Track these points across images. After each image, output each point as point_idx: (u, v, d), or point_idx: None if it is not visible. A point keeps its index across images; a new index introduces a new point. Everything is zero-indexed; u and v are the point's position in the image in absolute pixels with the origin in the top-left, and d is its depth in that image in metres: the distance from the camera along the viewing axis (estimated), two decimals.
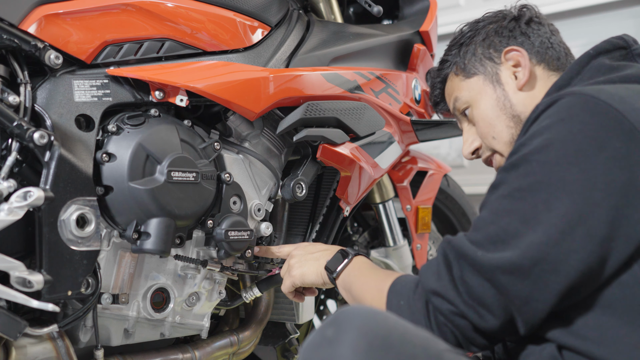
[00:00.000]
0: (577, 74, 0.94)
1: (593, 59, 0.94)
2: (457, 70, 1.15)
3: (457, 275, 0.81)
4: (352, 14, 1.79)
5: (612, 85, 0.84)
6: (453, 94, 1.16)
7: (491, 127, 1.09)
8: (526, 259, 0.75)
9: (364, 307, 0.74)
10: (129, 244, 1.07)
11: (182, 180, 1.06)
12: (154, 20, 1.10)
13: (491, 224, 0.81)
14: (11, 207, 0.88)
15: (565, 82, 0.95)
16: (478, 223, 0.83)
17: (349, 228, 1.83)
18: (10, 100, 0.95)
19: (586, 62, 0.94)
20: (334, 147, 1.28)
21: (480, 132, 1.12)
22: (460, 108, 1.15)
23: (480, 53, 1.11)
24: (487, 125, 1.10)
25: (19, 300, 0.91)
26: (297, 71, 1.25)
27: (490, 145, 1.11)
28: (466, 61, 1.13)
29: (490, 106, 1.09)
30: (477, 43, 1.13)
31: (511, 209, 0.79)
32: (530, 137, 0.82)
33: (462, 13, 1.17)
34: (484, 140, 1.12)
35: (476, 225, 0.83)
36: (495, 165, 1.14)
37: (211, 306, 1.25)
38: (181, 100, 1.11)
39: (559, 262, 0.74)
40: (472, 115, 1.12)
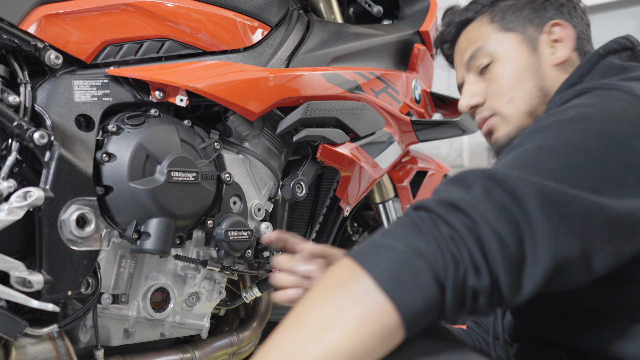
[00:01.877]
0: (588, 72, 0.92)
1: (602, 58, 0.92)
2: (494, 18, 1.06)
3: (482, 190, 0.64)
4: (352, 14, 1.79)
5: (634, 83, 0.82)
6: (478, 42, 1.07)
7: (512, 90, 1.01)
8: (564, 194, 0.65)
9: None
10: (129, 244, 1.07)
11: (182, 180, 1.06)
12: (154, 20, 1.10)
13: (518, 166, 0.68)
14: (11, 207, 0.88)
15: (576, 80, 0.92)
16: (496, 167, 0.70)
17: (349, 228, 1.83)
18: (10, 100, 0.95)
19: (596, 61, 0.92)
20: (334, 147, 1.28)
21: (495, 91, 1.04)
22: (481, 59, 1.05)
23: (527, 14, 1.04)
24: (508, 86, 1.02)
25: (19, 300, 0.91)
26: (297, 71, 1.25)
27: (500, 107, 1.03)
28: (507, 14, 1.05)
29: (519, 69, 1.02)
30: (523, 2, 1.06)
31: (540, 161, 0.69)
32: (564, 110, 0.76)
33: None
34: (494, 100, 1.04)
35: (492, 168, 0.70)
36: (487, 127, 1.06)
37: (211, 306, 1.25)
38: (181, 100, 1.11)
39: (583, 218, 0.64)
40: (492, 71, 1.04)
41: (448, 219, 0.62)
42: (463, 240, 0.61)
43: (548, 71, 1.01)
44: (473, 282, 0.60)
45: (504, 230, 0.61)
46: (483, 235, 0.61)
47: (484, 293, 0.61)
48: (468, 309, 0.63)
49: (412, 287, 0.59)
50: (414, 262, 0.59)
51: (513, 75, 1.02)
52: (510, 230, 0.61)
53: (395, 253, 0.60)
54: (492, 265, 0.60)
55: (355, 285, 0.60)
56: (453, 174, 2.00)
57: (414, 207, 0.66)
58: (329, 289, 0.61)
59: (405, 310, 0.58)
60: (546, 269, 0.61)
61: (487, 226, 0.61)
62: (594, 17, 1.12)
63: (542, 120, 0.77)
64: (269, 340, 0.62)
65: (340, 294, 0.60)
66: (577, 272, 0.65)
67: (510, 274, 0.61)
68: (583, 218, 0.64)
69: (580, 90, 0.82)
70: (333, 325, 0.58)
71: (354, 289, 0.60)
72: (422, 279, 0.59)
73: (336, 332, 0.58)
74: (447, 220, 0.62)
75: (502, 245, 0.60)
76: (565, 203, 0.64)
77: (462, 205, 0.63)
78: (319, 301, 0.61)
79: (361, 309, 0.58)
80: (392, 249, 0.61)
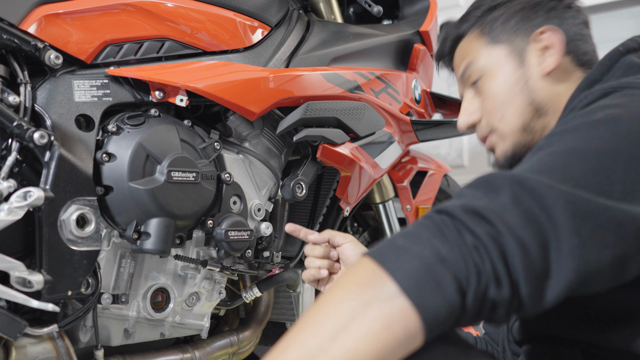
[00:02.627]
0: (609, 69, 0.88)
1: (622, 56, 0.89)
2: (483, 31, 1.03)
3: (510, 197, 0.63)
4: (352, 14, 1.79)
5: None
6: (469, 56, 1.05)
7: (502, 107, 0.99)
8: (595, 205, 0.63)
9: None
10: (129, 244, 1.07)
11: (182, 180, 1.06)
12: (154, 20, 1.10)
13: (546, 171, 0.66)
14: (11, 207, 0.88)
15: (597, 78, 0.89)
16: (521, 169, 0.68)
17: (349, 228, 1.83)
18: (10, 100, 0.95)
19: (617, 59, 0.89)
20: (334, 147, 1.28)
21: (488, 108, 1.01)
22: (472, 75, 1.04)
23: (514, 23, 1.01)
24: (498, 102, 0.99)
25: (19, 300, 0.91)
26: (297, 71, 1.25)
27: (495, 125, 1.01)
28: (495, 26, 1.02)
29: (508, 84, 0.99)
30: (511, 12, 1.02)
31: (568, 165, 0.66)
32: (593, 111, 0.74)
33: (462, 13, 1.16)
34: (489, 117, 1.02)
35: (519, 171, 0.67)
36: (488, 144, 1.04)
37: (211, 306, 1.25)
38: (181, 100, 1.11)
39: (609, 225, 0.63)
40: (484, 87, 1.01)
41: (472, 227, 0.61)
42: (487, 250, 0.60)
43: (537, 83, 0.98)
44: (493, 293, 0.60)
45: (530, 240, 0.60)
46: (506, 245, 0.59)
47: (503, 304, 0.60)
48: (485, 318, 0.62)
49: (437, 294, 0.58)
50: (439, 270, 0.59)
51: (502, 91, 0.99)
52: (536, 241, 0.60)
53: (419, 259, 0.59)
54: (514, 275, 0.60)
55: (380, 288, 0.59)
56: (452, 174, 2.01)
57: (437, 211, 0.64)
58: (351, 290, 0.60)
59: (429, 317, 0.58)
60: (570, 282, 0.61)
61: (511, 235, 0.60)
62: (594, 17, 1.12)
63: (571, 121, 0.74)
64: (287, 337, 0.61)
65: (364, 296, 0.59)
66: (604, 281, 0.64)
67: (532, 285, 0.60)
68: (615, 229, 0.62)
69: (607, 90, 0.79)
70: (356, 326, 0.57)
71: (378, 292, 0.59)
72: (446, 288, 0.58)
73: (359, 333, 0.57)
74: (471, 229, 0.61)
75: (525, 256, 0.59)
76: (597, 214, 0.62)
77: (487, 214, 0.61)
78: (340, 301, 0.60)
79: (386, 313, 0.58)
80: (416, 254, 0.60)
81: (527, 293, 0.60)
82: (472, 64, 1.03)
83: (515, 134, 0.99)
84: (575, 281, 0.61)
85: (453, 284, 0.58)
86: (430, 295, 0.58)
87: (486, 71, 1.01)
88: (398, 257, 0.60)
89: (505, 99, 0.99)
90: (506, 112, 0.99)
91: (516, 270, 0.59)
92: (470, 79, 1.04)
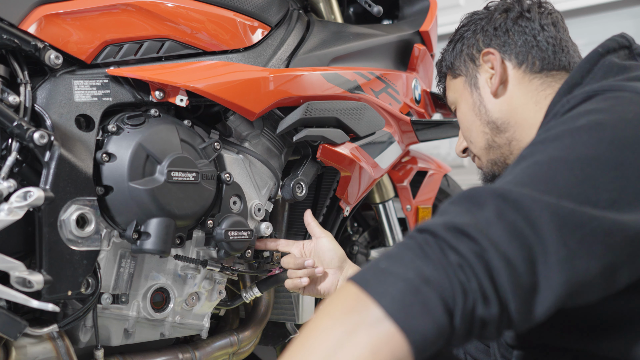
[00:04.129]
0: (588, 72, 0.90)
1: (602, 57, 0.90)
2: (446, 69, 1.14)
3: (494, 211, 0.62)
4: (352, 14, 1.79)
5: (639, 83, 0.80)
6: (447, 93, 1.17)
7: (468, 131, 1.09)
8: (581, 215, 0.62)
9: None
10: (129, 244, 1.07)
11: (182, 180, 1.06)
12: (154, 20, 1.10)
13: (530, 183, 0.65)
14: (11, 207, 0.88)
15: (578, 81, 0.90)
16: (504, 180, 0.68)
17: (349, 228, 1.83)
18: (10, 100, 0.95)
19: (596, 61, 0.90)
20: (334, 147, 1.28)
21: (463, 134, 1.13)
22: (451, 107, 1.15)
23: (465, 53, 1.08)
24: (465, 128, 1.10)
25: (19, 300, 0.91)
26: (297, 71, 1.25)
27: (470, 148, 1.12)
28: (454, 60, 1.11)
29: (467, 110, 1.08)
30: (464, 42, 1.09)
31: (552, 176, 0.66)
32: (575, 117, 0.73)
33: (462, 13, 1.17)
34: (466, 142, 1.13)
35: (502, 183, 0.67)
36: (478, 165, 1.13)
37: (211, 306, 1.25)
38: (181, 100, 1.11)
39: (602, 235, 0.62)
40: (457, 117, 1.13)
41: (456, 245, 0.60)
42: (472, 268, 0.59)
43: (491, 104, 1.04)
44: (482, 311, 0.59)
45: (515, 256, 0.59)
46: (491, 261, 0.59)
47: (493, 322, 0.59)
48: (476, 336, 0.61)
49: (423, 317, 0.57)
50: (424, 291, 0.58)
51: (465, 118, 1.09)
52: (522, 256, 0.59)
53: (404, 282, 0.58)
54: (501, 292, 0.59)
55: (365, 313, 0.58)
56: (452, 174, 2.01)
57: (419, 230, 0.63)
58: (336, 317, 0.59)
59: (417, 340, 0.57)
60: (559, 295, 0.60)
61: (496, 252, 0.59)
62: (594, 17, 1.12)
63: (553, 129, 0.73)
64: None
65: (349, 322, 0.58)
66: (594, 291, 0.63)
67: (521, 300, 0.59)
68: (602, 239, 0.61)
69: (589, 93, 0.79)
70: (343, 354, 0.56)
71: (363, 318, 0.58)
72: (433, 309, 0.57)
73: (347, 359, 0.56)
74: (454, 247, 0.60)
75: (512, 271, 0.59)
76: (583, 224, 0.61)
77: (469, 231, 0.60)
78: (326, 328, 0.59)
79: (372, 338, 0.57)
80: (400, 276, 0.59)
81: (516, 309, 0.59)
82: (448, 99, 1.15)
83: (484, 153, 1.08)
84: (564, 294, 0.60)
85: (439, 305, 0.57)
86: (416, 318, 0.57)
87: (456, 103, 1.12)
88: (381, 280, 0.59)
89: (469, 124, 1.08)
90: (472, 135, 1.08)
91: (503, 287, 0.58)
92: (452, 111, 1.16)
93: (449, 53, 1.13)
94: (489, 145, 1.05)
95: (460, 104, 1.10)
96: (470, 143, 1.10)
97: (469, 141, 1.10)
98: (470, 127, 1.08)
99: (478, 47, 1.06)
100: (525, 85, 1.02)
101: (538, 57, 1.02)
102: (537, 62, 1.02)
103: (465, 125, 1.09)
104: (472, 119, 1.07)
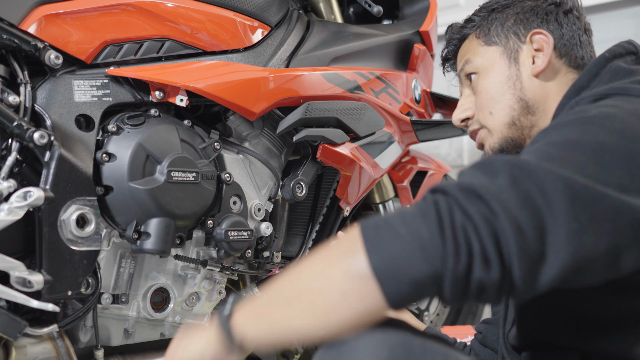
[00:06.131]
0: (595, 76, 0.92)
1: (609, 61, 0.92)
2: (479, 33, 1.09)
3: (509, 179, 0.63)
4: (352, 14, 1.79)
5: None
6: (466, 55, 1.10)
7: (492, 102, 1.04)
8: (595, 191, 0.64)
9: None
10: (129, 244, 1.07)
11: (182, 180, 1.06)
12: (154, 20, 1.10)
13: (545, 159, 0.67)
14: (11, 207, 0.88)
15: (584, 84, 0.92)
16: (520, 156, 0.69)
17: (349, 228, 1.83)
18: (10, 100, 0.95)
19: (603, 65, 0.92)
20: (334, 147, 1.28)
21: (479, 104, 1.06)
22: (468, 72, 1.09)
23: (509, 26, 1.06)
24: (488, 98, 1.05)
25: (19, 300, 0.91)
26: (297, 71, 1.25)
27: (484, 120, 1.06)
28: (492, 28, 1.08)
29: (499, 81, 1.04)
30: (509, 14, 1.07)
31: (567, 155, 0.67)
32: (587, 109, 0.76)
33: (462, 13, 1.17)
34: (479, 113, 1.07)
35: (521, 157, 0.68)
36: (477, 140, 1.09)
37: (211, 306, 1.25)
38: (181, 100, 1.11)
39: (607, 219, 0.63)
40: (477, 84, 1.07)
41: (466, 206, 0.61)
42: (477, 230, 0.60)
43: (528, 82, 1.02)
44: (480, 274, 0.60)
45: (526, 222, 0.60)
46: (501, 226, 0.59)
47: (492, 286, 0.60)
48: (472, 298, 0.62)
49: (402, 275, 0.60)
50: (410, 250, 0.60)
51: (493, 88, 1.05)
52: (532, 223, 0.60)
53: (395, 237, 0.61)
54: (507, 257, 0.59)
55: (351, 259, 0.63)
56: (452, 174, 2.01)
57: (432, 190, 0.65)
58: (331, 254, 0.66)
59: (392, 296, 0.61)
60: (565, 267, 0.61)
61: (507, 217, 0.59)
62: (594, 17, 1.11)
63: (564, 117, 0.76)
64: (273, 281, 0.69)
65: (336, 264, 0.64)
66: (597, 272, 0.64)
67: (526, 267, 0.60)
68: (612, 217, 0.63)
69: (598, 96, 0.81)
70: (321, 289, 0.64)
71: (349, 263, 0.63)
72: (413, 269, 0.60)
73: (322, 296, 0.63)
74: (464, 207, 0.61)
75: (521, 237, 0.59)
76: (595, 201, 0.62)
77: (483, 193, 0.61)
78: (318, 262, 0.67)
79: (348, 285, 0.62)
80: (394, 231, 0.62)
81: (520, 276, 0.60)
82: (468, 63, 1.09)
83: (503, 128, 1.04)
84: (570, 267, 0.61)
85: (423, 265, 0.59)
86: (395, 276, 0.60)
87: (480, 69, 1.07)
88: (378, 231, 0.63)
89: (496, 95, 1.04)
90: (496, 107, 1.04)
91: (509, 252, 0.59)
92: (466, 77, 1.10)
93: (485, 20, 1.09)
94: (513, 122, 1.03)
95: (489, 72, 1.06)
96: (488, 115, 1.05)
97: (488, 112, 1.04)
98: (497, 98, 1.04)
99: (526, 25, 1.05)
100: (561, 77, 1.03)
101: (579, 55, 1.04)
102: (577, 59, 1.04)
103: (490, 95, 1.05)
104: (502, 91, 1.04)
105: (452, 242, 0.59)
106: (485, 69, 1.06)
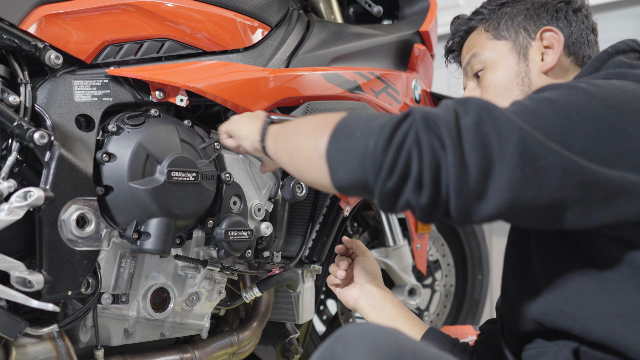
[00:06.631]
0: (597, 70, 0.92)
1: (611, 57, 0.93)
2: (488, 27, 1.09)
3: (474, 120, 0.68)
4: (352, 14, 1.79)
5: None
6: (473, 49, 1.10)
7: (500, 97, 1.04)
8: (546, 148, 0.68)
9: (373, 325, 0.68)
10: (129, 244, 1.07)
11: (182, 180, 1.06)
12: (154, 20, 1.10)
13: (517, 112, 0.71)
14: (11, 207, 0.88)
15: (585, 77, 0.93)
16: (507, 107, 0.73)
17: (349, 228, 1.83)
18: (10, 100, 0.95)
19: (605, 60, 0.93)
20: None
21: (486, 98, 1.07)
22: (475, 65, 1.09)
23: (520, 21, 1.06)
24: (496, 93, 1.04)
25: (19, 300, 0.91)
26: (297, 71, 1.25)
27: None
28: (501, 22, 1.07)
29: (508, 76, 1.04)
30: (519, 9, 1.07)
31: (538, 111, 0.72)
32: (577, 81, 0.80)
33: (461, 13, 1.18)
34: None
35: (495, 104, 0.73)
36: None
37: (211, 306, 1.25)
38: (181, 100, 1.11)
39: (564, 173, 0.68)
40: (484, 78, 1.06)
41: (421, 134, 0.67)
42: (420, 157, 0.67)
43: (536, 79, 1.02)
44: (409, 196, 0.68)
45: (473, 162, 0.66)
46: (445, 160, 0.66)
47: (420, 209, 0.68)
48: (400, 211, 0.71)
49: (342, 170, 0.72)
50: (352, 153, 0.70)
51: (502, 83, 1.05)
52: (479, 164, 0.66)
53: (351, 136, 0.72)
54: (443, 188, 0.67)
55: (322, 136, 0.75)
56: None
57: (409, 110, 0.71)
58: (319, 124, 0.78)
59: (334, 182, 0.74)
60: (500, 209, 0.67)
61: (454, 153, 0.66)
62: (594, 17, 1.12)
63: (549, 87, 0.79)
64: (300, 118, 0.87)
65: (314, 133, 0.77)
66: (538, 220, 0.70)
67: (462, 202, 0.67)
68: (559, 175, 0.67)
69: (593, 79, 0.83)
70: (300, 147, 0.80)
71: (319, 138, 0.75)
72: (349, 170, 0.71)
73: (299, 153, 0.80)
74: (419, 134, 0.68)
75: (462, 174, 0.66)
76: (545, 156, 0.67)
77: (442, 127, 0.67)
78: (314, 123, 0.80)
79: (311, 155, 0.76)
80: (354, 131, 0.72)
81: (455, 207, 0.67)
82: (475, 56, 1.08)
83: None
84: (506, 210, 0.67)
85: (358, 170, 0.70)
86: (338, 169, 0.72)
87: (488, 63, 1.06)
88: (348, 125, 0.74)
89: (504, 91, 1.04)
90: (503, 102, 1.03)
91: (447, 185, 0.67)
92: (473, 70, 1.09)
93: (495, 14, 1.09)
94: None
95: (498, 67, 1.05)
96: None
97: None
98: (505, 93, 1.04)
99: (536, 21, 1.05)
100: (569, 74, 1.04)
101: (586, 54, 1.05)
102: (583, 58, 1.05)
103: (498, 89, 1.04)
104: (510, 87, 1.04)
105: (391, 161, 0.67)
106: (493, 64, 1.06)
